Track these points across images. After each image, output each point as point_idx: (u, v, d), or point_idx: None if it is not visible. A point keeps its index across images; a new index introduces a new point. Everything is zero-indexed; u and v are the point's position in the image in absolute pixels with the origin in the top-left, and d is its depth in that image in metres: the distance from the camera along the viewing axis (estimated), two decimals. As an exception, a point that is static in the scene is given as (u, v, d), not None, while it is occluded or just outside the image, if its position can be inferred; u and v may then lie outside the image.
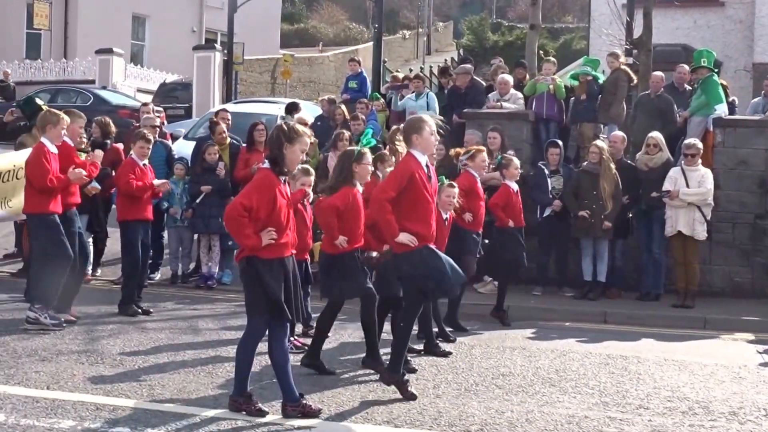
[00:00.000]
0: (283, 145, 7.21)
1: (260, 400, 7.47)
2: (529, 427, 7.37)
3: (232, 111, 17.38)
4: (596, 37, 24.19)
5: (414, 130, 8.05)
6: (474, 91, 16.63)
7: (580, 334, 11.65)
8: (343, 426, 7.27)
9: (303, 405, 7.34)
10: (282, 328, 7.36)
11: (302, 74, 41.96)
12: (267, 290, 7.17)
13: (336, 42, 53.23)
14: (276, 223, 7.19)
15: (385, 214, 7.93)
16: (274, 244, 7.16)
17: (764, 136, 14.53)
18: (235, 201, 7.26)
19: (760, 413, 8.03)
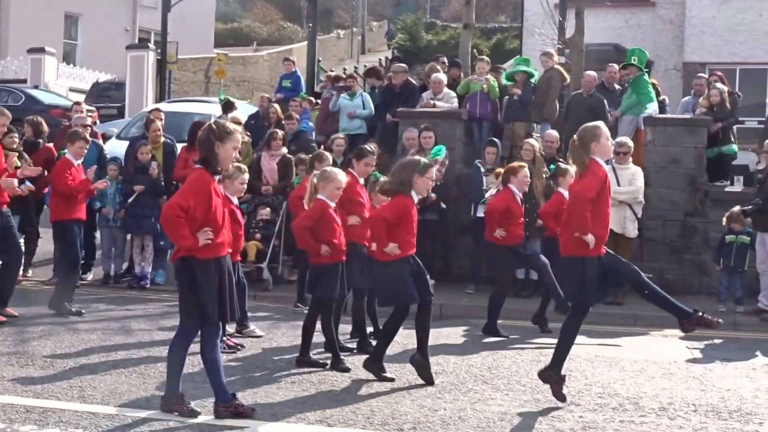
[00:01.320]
0: (215, 144, 7.15)
1: (193, 400, 7.42)
2: (461, 424, 7.40)
3: (166, 110, 17.24)
4: (529, 37, 24.42)
5: (592, 137, 7.99)
6: (408, 90, 16.67)
7: (512, 331, 11.70)
8: (275, 426, 7.24)
9: (235, 405, 7.30)
10: (214, 328, 7.32)
11: (236, 73, 41.70)
12: (201, 291, 7.12)
13: (270, 41, 52.98)
14: (212, 223, 7.14)
15: (585, 211, 7.85)
16: (210, 244, 7.12)
17: (694, 134, 14.75)
18: (172, 201, 7.19)
19: (689, 408, 8.15)
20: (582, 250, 7.83)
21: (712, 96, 15.15)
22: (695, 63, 24.15)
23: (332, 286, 9.23)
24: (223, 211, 7.33)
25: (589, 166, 7.98)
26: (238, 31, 54.74)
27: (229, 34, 52.70)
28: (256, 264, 13.83)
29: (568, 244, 7.93)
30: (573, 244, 7.87)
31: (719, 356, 10.51)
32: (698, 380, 9.30)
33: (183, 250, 7.15)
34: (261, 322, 11.50)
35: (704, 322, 8.04)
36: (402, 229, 8.89)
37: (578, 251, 7.86)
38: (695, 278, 14.48)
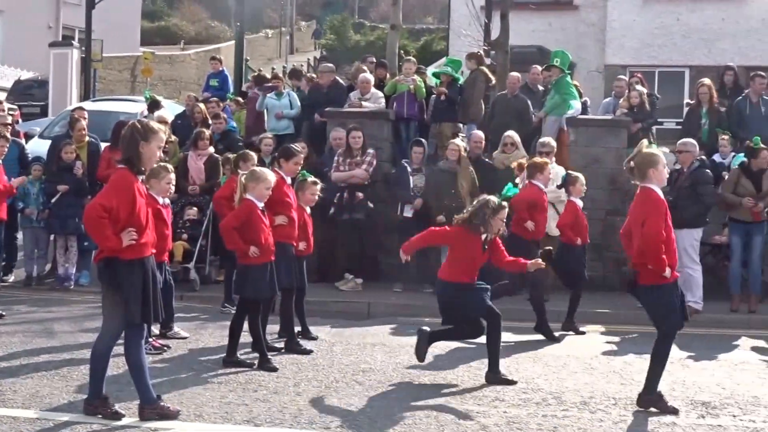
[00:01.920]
0: (139, 144, 7.12)
1: (117, 402, 7.39)
2: (388, 422, 7.47)
3: (91, 109, 17.08)
4: (456, 38, 24.56)
5: (651, 164, 8.05)
6: (336, 90, 16.71)
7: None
8: (202, 426, 7.25)
9: (161, 407, 7.28)
10: (139, 329, 7.29)
11: (163, 72, 41.35)
12: (125, 292, 7.09)
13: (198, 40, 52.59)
14: (136, 223, 7.11)
15: (660, 253, 7.93)
16: (134, 244, 7.08)
17: (615, 135, 15.01)
18: (94, 202, 7.15)
19: (609, 402, 8.34)
20: (660, 279, 7.98)
21: (632, 98, 15.45)
22: (616, 65, 24.56)
23: (261, 287, 9.26)
24: (147, 211, 7.30)
25: (648, 196, 8.09)
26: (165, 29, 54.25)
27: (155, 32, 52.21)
28: (183, 264, 13.76)
29: (646, 274, 8.04)
30: (650, 273, 8.00)
31: (638, 350, 10.71)
32: (618, 374, 9.51)
33: (106, 251, 7.11)
34: (188, 322, 11.46)
35: None
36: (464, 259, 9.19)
37: (656, 280, 8.00)
38: (616, 275, 14.72)
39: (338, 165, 14.47)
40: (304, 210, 10.61)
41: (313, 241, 10.88)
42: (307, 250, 10.66)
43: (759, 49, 24.40)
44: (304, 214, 10.59)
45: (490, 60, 18.64)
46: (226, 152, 13.95)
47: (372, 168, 14.47)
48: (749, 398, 8.58)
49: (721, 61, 21.74)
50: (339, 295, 13.64)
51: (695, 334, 11.88)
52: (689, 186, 12.66)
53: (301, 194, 10.51)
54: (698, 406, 8.25)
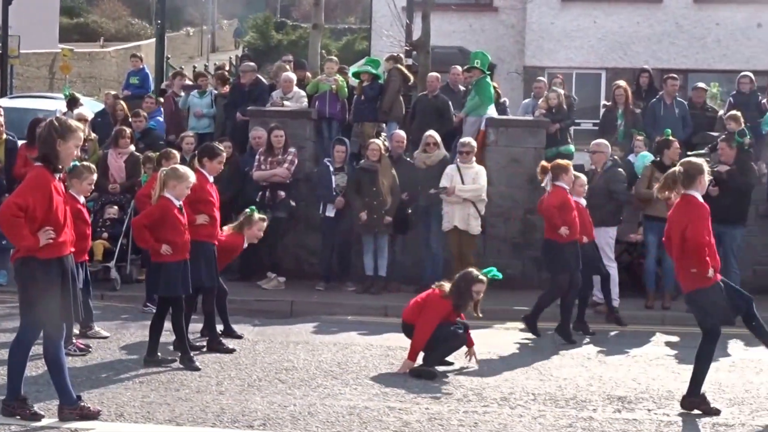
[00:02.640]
0: (56, 142, 7.04)
1: (36, 403, 7.33)
2: (311, 420, 7.54)
3: (7, 106, 16.79)
4: (377, 38, 24.65)
5: (701, 171, 8.25)
6: (258, 88, 16.69)
7: (362, 327, 11.91)
8: (123, 426, 7.23)
9: (81, 407, 7.24)
10: (58, 329, 7.22)
11: (82, 69, 40.75)
12: (43, 292, 7.02)
13: (118, 37, 51.86)
14: (53, 222, 7.04)
15: (704, 256, 8.14)
16: (52, 243, 7.01)
17: (534, 135, 15.22)
18: (9, 200, 7.06)
19: (528, 398, 8.51)
20: (702, 281, 8.15)
21: (551, 99, 15.69)
22: (535, 67, 24.86)
23: (174, 284, 9.23)
24: (65, 210, 7.22)
25: (691, 202, 8.25)
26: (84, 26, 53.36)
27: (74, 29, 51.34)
28: (104, 263, 13.65)
29: (689, 279, 8.22)
30: (693, 278, 8.17)
31: (556, 347, 10.95)
32: (537, 370, 9.70)
33: (23, 250, 7.03)
34: (109, 322, 11.36)
35: None
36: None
37: (700, 284, 8.17)
38: (535, 273, 14.95)
39: (260, 164, 14.48)
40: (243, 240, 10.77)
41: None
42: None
43: (672, 52, 24.94)
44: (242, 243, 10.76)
45: (411, 60, 18.77)
46: (147, 151, 13.87)
47: (293, 167, 14.50)
48: (663, 392, 8.81)
49: (636, 63, 22.18)
50: (262, 294, 13.64)
51: (611, 331, 12.17)
52: (603, 185, 12.93)
53: (247, 229, 10.64)
54: (614, 401, 8.46)
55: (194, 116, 16.65)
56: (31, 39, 34.49)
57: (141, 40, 49.89)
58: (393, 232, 14.24)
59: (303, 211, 14.92)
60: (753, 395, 8.70)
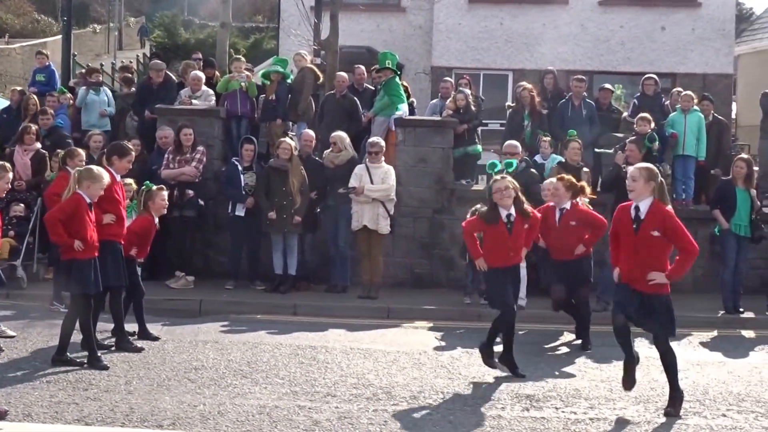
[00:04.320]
0: None
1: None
2: (221, 419, 7.54)
3: None
4: (285, 38, 24.61)
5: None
6: (166, 87, 16.56)
7: (271, 326, 11.91)
8: (31, 426, 7.15)
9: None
10: None
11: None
12: None
13: (23, 34, 50.69)
14: None
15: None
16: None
17: (442, 135, 15.39)
18: None
19: (438, 396, 8.61)
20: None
21: (458, 99, 15.87)
22: (443, 67, 25.04)
23: (85, 281, 9.16)
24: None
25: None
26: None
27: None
28: (10, 262, 13.42)
29: (662, 286, 8.31)
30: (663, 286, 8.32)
31: (465, 346, 11.06)
32: (446, 369, 9.80)
33: None
34: (15, 321, 11.21)
35: None
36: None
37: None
38: (443, 272, 15.12)
39: (168, 162, 14.39)
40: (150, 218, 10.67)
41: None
42: (140, 254, 10.70)
43: (577, 53, 25.34)
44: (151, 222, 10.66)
45: (319, 60, 18.80)
46: (54, 148, 13.68)
47: (202, 165, 14.45)
48: (571, 391, 8.99)
49: (542, 64, 22.48)
50: (170, 293, 13.56)
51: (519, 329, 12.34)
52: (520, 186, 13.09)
53: (151, 204, 10.57)
54: (523, 399, 8.60)
55: (99, 115, 16.46)
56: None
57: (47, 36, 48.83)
58: (302, 231, 14.26)
59: (211, 209, 14.89)
60: (658, 393, 8.92)
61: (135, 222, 10.70)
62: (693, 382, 9.49)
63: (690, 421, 8.07)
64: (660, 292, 8.27)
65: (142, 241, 10.48)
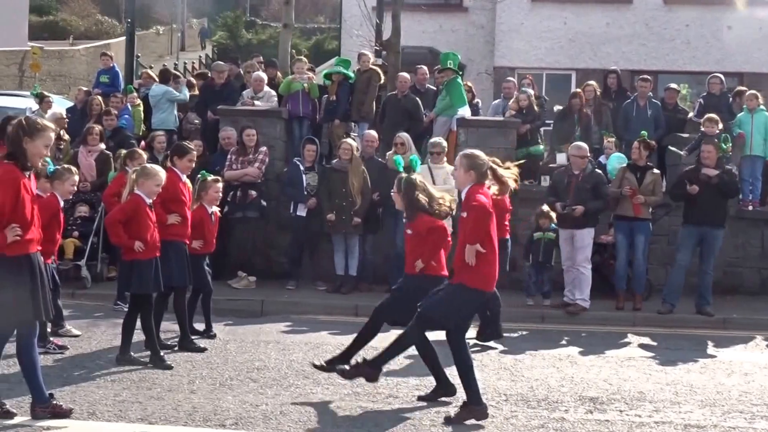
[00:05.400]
0: (23, 140, 7.01)
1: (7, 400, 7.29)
2: (283, 419, 7.54)
3: (-24, 104, 16.67)
4: (347, 38, 24.67)
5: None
6: (229, 88, 16.68)
7: (333, 326, 11.91)
8: (95, 425, 7.20)
9: (53, 405, 7.21)
10: (31, 328, 7.19)
11: (52, 68, 40.46)
12: (13, 290, 6.94)
13: (87, 36, 51.55)
14: (20, 219, 6.98)
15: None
16: (19, 240, 6.96)
17: (504, 136, 15.28)
18: None
19: (500, 398, 8.55)
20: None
21: (521, 99, 15.76)
22: (505, 67, 24.93)
23: (146, 282, 9.22)
24: (33, 208, 7.16)
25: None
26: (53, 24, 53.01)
27: (44, 27, 51.00)
28: (74, 262, 13.60)
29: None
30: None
31: (528, 347, 10.99)
32: (509, 371, 9.73)
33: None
34: (79, 320, 11.34)
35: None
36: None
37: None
38: (505, 273, 14.97)
39: (231, 163, 14.46)
40: (206, 209, 10.64)
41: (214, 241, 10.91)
42: (205, 248, 10.65)
43: (642, 53, 25.07)
44: (205, 213, 10.62)
45: (381, 60, 18.80)
46: (118, 149, 13.81)
47: (264, 166, 14.50)
48: (635, 393, 8.87)
49: (606, 64, 22.28)
50: (232, 293, 13.62)
51: (583, 332, 12.25)
52: (588, 188, 12.98)
53: (204, 194, 10.54)
54: (586, 402, 8.50)
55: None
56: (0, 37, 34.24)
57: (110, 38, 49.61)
58: (363, 232, 14.25)
59: (273, 210, 14.92)
60: (725, 397, 8.78)
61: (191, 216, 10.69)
62: (760, 386, 9.30)
63: (758, 425, 7.91)
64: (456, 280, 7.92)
65: (197, 233, 10.44)
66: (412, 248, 8.73)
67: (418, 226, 8.62)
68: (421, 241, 8.62)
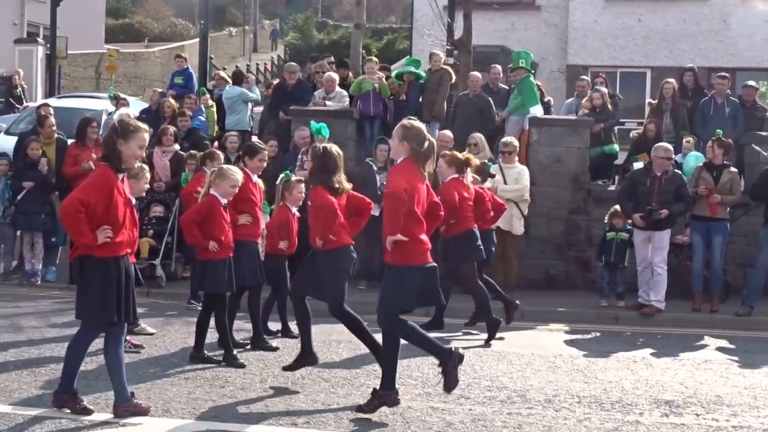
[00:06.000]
0: (117, 142, 7.06)
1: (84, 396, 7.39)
2: (354, 418, 7.52)
3: (55, 106, 16.98)
4: (419, 38, 24.69)
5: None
6: (300, 88, 16.76)
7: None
8: (169, 422, 7.26)
9: (135, 404, 7.28)
10: (119, 328, 7.26)
11: (128, 70, 41.14)
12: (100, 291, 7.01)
13: (162, 38, 52.31)
14: (113, 221, 7.04)
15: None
16: (109, 242, 7.02)
17: (577, 135, 15.16)
18: (72, 196, 7.03)
19: (573, 400, 8.42)
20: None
21: (594, 98, 15.61)
22: (578, 66, 24.75)
23: (219, 281, 9.28)
24: (125, 210, 7.22)
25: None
26: (129, 26, 53.90)
27: (120, 29, 51.87)
28: (149, 261, 13.78)
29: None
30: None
31: (601, 349, 10.86)
32: (582, 373, 9.60)
33: (81, 248, 7.05)
34: (154, 319, 11.47)
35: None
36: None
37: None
38: (579, 274, 14.90)
39: (302, 163, 14.51)
40: (287, 209, 10.66)
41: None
42: (289, 249, 10.68)
43: (719, 50, 24.70)
44: (288, 214, 10.65)
45: (453, 59, 18.75)
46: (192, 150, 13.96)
47: (337, 167, 14.52)
48: (712, 397, 8.69)
49: (682, 61, 21.98)
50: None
51: (657, 334, 12.08)
52: (672, 189, 12.81)
53: (288, 194, 10.51)
54: (662, 405, 8.36)
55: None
56: (78, 40, 34.92)
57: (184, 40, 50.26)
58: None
59: (344, 210, 14.94)
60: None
61: (274, 217, 10.73)
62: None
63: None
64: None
65: (284, 234, 10.48)
66: (312, 221, 8.80)
67: (314, 197, 8.65)
68: (316, 215, 8.65)
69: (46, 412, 7.24)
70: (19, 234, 14.11)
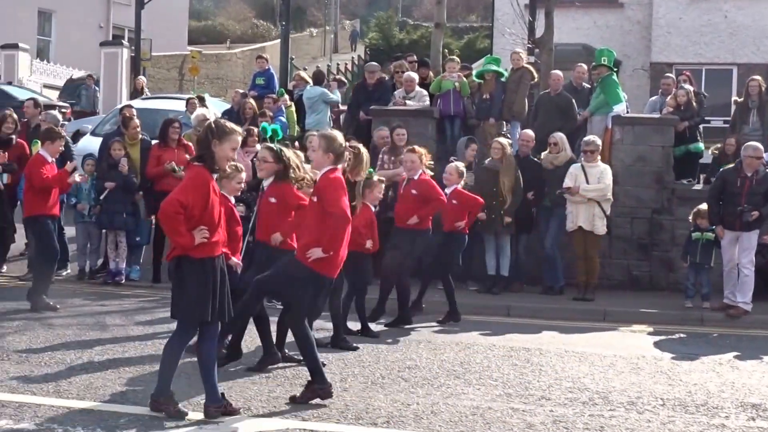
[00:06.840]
0: (212, 143, 7.11)
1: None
2: (434, 419, 7.52)
3: (140, 107, 17.25)
4: (499, 36, 24.57)
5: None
6: (381, 88, 16.79)
7: (484, 327, 11.86)
8: (249, 421, 7.31)
9: (225, 405, 7.31)
10: (213, 328, 7.29)
11: (210, 71, 41.70)
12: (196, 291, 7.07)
13: (243, 39, 52.93)
14: (208, 222, 7.10)
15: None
16: (205, 242, 7.07)
17: (661, 133, 14.94)
18: (172, 197, 7.06)
19: (657, 402, 8.31)
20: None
21: (679, 96, 15.36)
22: (662, 63, 24.42)
23: None
24: (220, 210, 7.28)
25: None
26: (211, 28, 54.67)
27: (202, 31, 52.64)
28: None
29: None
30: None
31: (686, 351, 10.70)
32: (666, 375, 9.47)
33: (178, 248, 7.10)
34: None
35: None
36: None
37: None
38: (663, 274, 14.68)
39: (383, 163, 14.53)
40: (369, 208, 10.69)
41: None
42: (373, 247, 10.69)
43: (809, 46, 24.21)
44: (372, 213, 10.68)
45: (534, 58, 18.62)
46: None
47: (424, 167, 14.51)
48: (800, 401, 8.53)
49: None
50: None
51: (744, 336, 11.84)
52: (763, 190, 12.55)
53: (369, 192, 10.53)
54: (748, 408, 8.21)
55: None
56: (161, 42, 35.53)
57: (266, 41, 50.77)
58: (516, 232, 14.11)
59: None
60: None
61: (359, 216, 10.72)
62: None
63: None
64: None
65: (368, 232, 10.51)
66: (272, 218, 9.32)
67: (286, 195, 9.14)
68: (283, 213, 9.08)
69: (129, 409, 7.35)
70: (104, 233, 14.36)
